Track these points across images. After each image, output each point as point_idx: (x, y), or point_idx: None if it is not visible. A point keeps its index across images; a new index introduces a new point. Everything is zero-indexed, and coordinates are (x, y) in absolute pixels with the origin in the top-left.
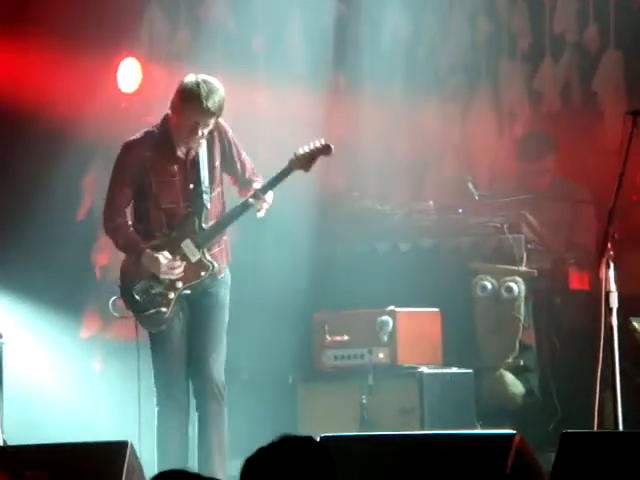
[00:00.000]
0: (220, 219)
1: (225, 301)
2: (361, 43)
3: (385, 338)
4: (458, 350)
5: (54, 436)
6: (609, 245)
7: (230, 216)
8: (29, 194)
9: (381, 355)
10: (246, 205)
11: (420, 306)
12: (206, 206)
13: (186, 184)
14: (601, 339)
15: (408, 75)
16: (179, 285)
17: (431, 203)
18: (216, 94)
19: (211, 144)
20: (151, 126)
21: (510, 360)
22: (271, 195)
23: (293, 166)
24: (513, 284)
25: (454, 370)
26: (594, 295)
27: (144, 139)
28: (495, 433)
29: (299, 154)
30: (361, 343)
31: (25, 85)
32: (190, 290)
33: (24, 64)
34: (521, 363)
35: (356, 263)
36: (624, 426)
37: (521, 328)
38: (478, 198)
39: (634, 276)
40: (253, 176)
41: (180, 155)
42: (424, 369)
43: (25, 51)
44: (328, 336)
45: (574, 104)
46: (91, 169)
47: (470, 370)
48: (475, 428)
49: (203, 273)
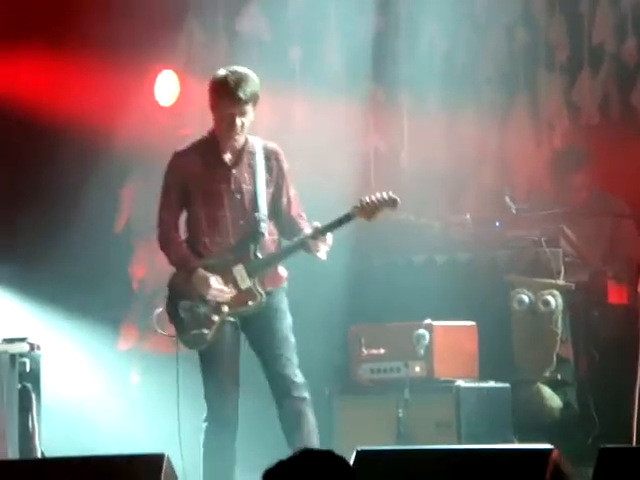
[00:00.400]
0: (276, 253)
1: (283, 307)
2: (399, 55)
3: (422, 351)
4: (495, 364)
5: (91, 448)
6: None
7: (285, 251)
8: (67, 207)
9: (417, 369)
10: (303, 243)
11: (457, 319)
12: (263, 234)
13: (232, 193)
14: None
15: (446, 87)
16: (225, 309)
17: (468, 216)
18: (246, 82)
19: (268, 171)
20: (201, 135)
21: (547, 374)
22: (331, 237)
23: (356, 213)
24: (550, 297)
25: (491, 384)
26: (633, 309)
27: (192, 147)
28: (532, 448)
29: (364, 202)
30: (397, 356)
31: (62, 98)
32: (234, 318)
33: (61, 77)
34: (559, 377)
35: (392, 276)
36: None
37: (558, 342)
38: (515, 211)
39: None
40: (299, 217)
41: (227, 162)
42: (461, 383)
43: (62, 64)
44: (364, 349)
45: (613, 117)
46: (128, 182)
47: (507, 384)
48: (512, 442)
49: (250, 302)
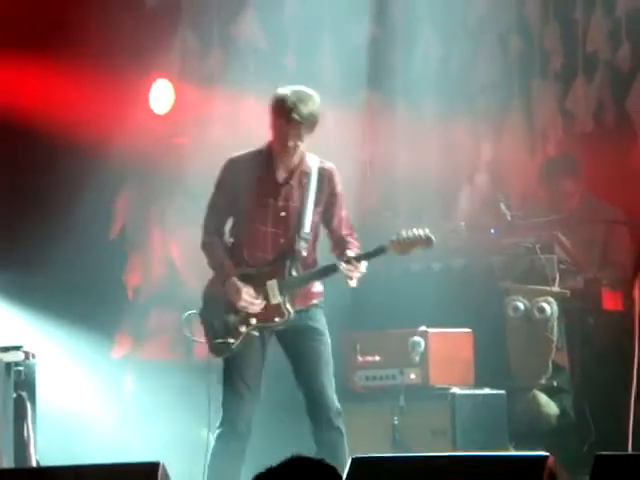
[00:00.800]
0: (309, 273)
1: (319, 326)
2: (394, 63)
3: (417, 359)
4: (490, 371)
5: (86, 456)
6: None
7: (318, 274)
8: (61, 215)
9: (413, 376)
10: (335, 269)
11: (452, 326)
12: (302, 253)
13: (278, 210)
14: (635, 359)
15: (440, 94)
16: (252, 321)
17: (463, 224)
18: (305, 103)
19: (319, 191)
20: (259, 146)
21: (543, 381)
22: (365, 265)
23: (390, 247)
24: (545, 304)
25: (486, 391)
26: (628, 315)
27: (247, 156)
28: (528, 455)
29: (400, 237)
30: (393, 363)
31: (58, 106)
32: (258, 332)
33: (58, 86)
34: (554, 384)
35: (388, 283)
36: None
37: (554, 349)
38: (510, 218)
39: None
40: (349, 237)
41: (279, 179)
42: (456, 390)
43: (57, 72)
44: (359, 356)
45: (607, 124)
46: (123, 189)
47: (502, 391)
48: (508, 450)
49: (277, 319)
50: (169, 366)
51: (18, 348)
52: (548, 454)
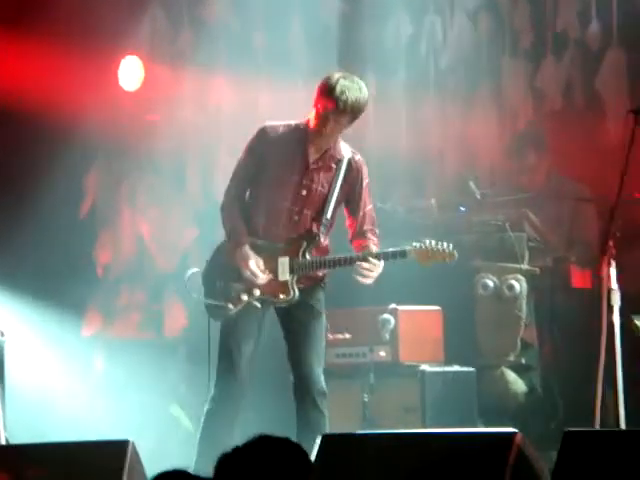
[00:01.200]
0: (323, 259)
1: (318, 306)
2: (363, 41)
3: (387, 336)
4: (460, 348)
5: (56, 434)
6: (611, 243)
7: (332, 262)
8: (31, 193)
9: (383, 353)
10: (352, 261)
11: (422, 304)
12: (320, 237)
13: (300, 189)
14: (603, 337)
15: (410, 73)
16: (256, 293)
17: (433, 201)
18: (352, 92)
19: (346, 181)
20: (297, 121)
21: (512, 358)
22: (382, 265)
23: (411, 253)
24: (515, 282)
25: (456, 368)
26: (596, 293)
27: (283, 128)
28: (496, 432)
29: (424, 247)
30: (363, 341)
31: (26, 85)
32: (260, 303)
33: (25, 64)
34: (523, 361)
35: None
36: (626, 424)
37: (523, 326)
38: (480, 196)
39: (636, 274)
40: (370, 232)
41: (308, 157)
42: (426, 367)
43: (26, 51)
44: (330, 334)
45: (576, 102)
46: (93, 167)
47: (472, 368)
48: (476, 426)
49: (282, 296)
50: (139, 344)
51: None
52: (516, 430)
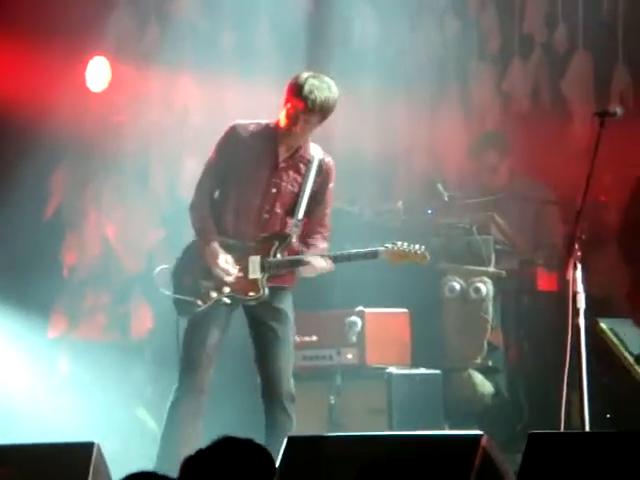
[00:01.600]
0: (295, 258)
1: (285, 308)
2: (331, 41)
3: (353, 339)
4: (426, 351)
5: (21, 437)
6: (577, 246)
7: (296, 262)
8: None
9: (349, 356)
10: (304, 262)
11: (389, 307)
12: (292, 237)
13: (270, 187)
14: (568, 340)
15: (377, 74)
16: (225, 290)
17: (400, 204)
18: (321, 92)
19: (315, 182)
20: (267, 120)
21: (478, 361)
22: (333, 265)
23: (382, 254)
24: (481, 285)
25: (422, 371)
26: (562, 296)
27: (253, 126)
28: (462, 434)
29: (395, 247)
30: (329, 344)
31: None
32: (230, 300)
33: None
34: (489, 364)
35: None
36: (591, 427)
37: (489, 329)
38: (447, 199)
39: (602, 277)
40: (317, 233)
41: (279, 157)
42: (392, 370)
43: None
44: (297, 336)
45: (543, 105)
46: (59, 168)
47: (438, 371)
48: (443, 429)
49: (252, 294)
50: (105, 346)
51: None
52: (482, 433)
